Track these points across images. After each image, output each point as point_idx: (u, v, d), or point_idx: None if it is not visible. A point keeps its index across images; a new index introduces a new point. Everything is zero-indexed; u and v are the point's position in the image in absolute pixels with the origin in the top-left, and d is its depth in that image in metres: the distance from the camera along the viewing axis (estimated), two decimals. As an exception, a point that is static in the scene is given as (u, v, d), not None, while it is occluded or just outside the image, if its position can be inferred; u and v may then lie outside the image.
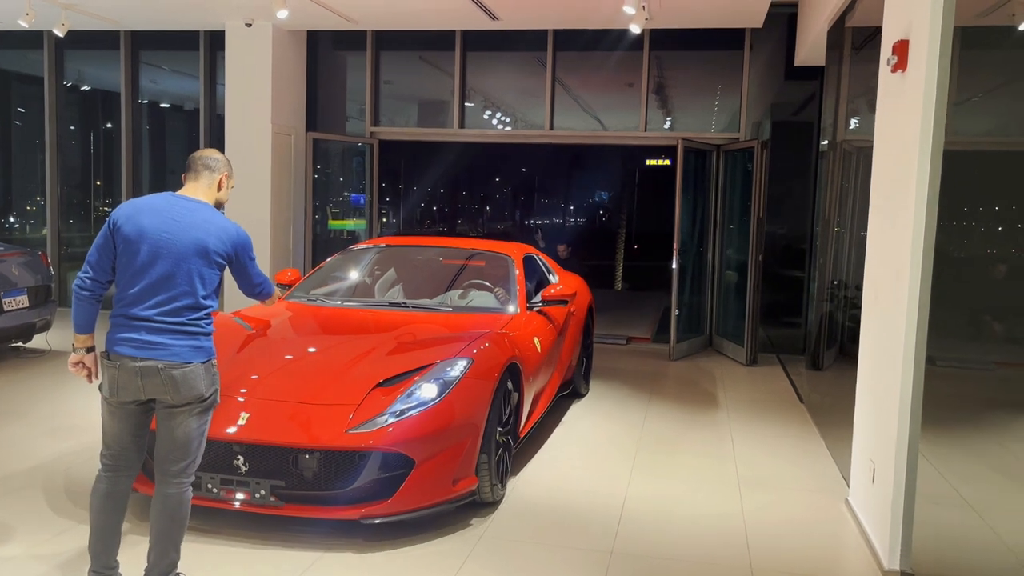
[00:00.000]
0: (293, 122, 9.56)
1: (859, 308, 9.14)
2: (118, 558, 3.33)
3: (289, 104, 9.47)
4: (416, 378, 4.09)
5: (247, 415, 3.89)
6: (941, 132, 3.57)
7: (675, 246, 8.57)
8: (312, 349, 4.63)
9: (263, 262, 9.15)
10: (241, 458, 3.82)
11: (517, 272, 5.76)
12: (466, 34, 9.58)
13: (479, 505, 4.31)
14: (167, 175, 10.90)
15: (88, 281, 3.23)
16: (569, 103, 9.77)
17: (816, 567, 3.88)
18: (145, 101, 11.01)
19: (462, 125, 9.67)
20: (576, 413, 6.37)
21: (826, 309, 8.50)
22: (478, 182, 25.48)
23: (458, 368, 4.17)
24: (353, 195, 10.31)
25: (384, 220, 21.03)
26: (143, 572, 3.29)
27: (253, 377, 4.19)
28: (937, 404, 6.23)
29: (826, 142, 7.56)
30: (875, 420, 4.15)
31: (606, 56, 9.45)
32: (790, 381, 7.79)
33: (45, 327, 7.78)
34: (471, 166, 23.37)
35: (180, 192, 3.36)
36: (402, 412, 3.89)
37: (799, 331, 9.30)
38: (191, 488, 3.31)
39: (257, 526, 3.98)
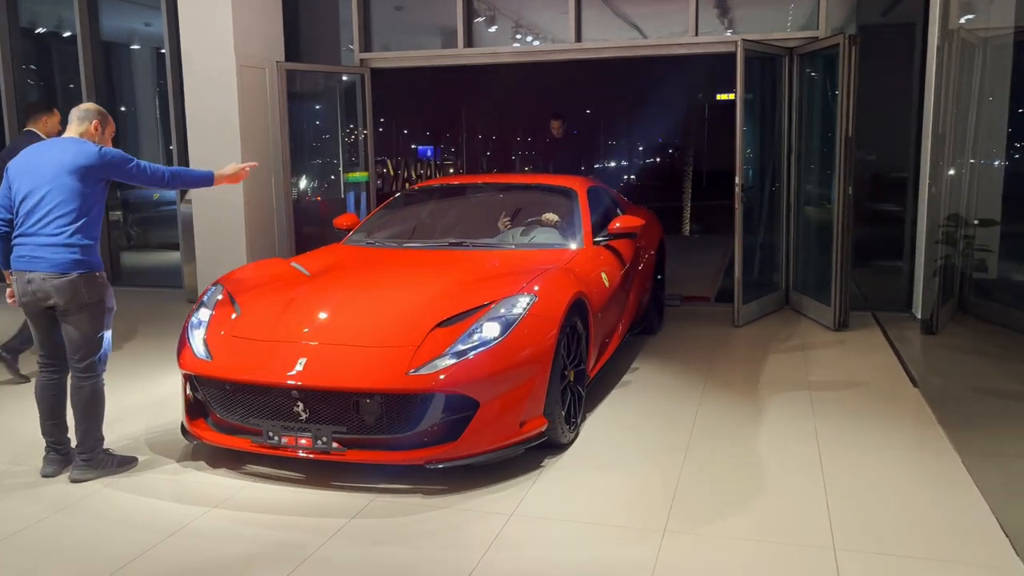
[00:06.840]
0: (267, 53, 7.93)
1: (987, 250, 7.15)
2: (68, 435, 3.92)
3: (260, 33, 7.83)
4: (478, 316, 3.94)
5: (304, 360, 3.79)
6: None
7: (737, 180, 6.70)
8: (370, 292, 4.44)
9: (237, 225, 7.67)
10: (301, 404, 3.75)
11: (581, 205, 5.46)
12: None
13: (551, 446, 4.07)
14: (129, 119, 9.58)
15: None
16: (600, 9, 7.86)
17: None
18: (137, 47, 9.82)
19: (468, 44, 7.90)
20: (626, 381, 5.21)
21: (941, 252, 6.62)
22: (538, 126, 23.81)
23: (521, 305, 4.00)
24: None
25: (452, 170, 20.26)
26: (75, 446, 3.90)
27: (310, 321, 4.08)
28: None
29: (936, 36, 5.75)
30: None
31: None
32: (895, 352, 5.90)
33: None
34: (525, 110, 21.79)
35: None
36: (463, 352, 3.77)
37: (898, 280, 7.39)
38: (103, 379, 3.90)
39: (321, 469, 3.91)
